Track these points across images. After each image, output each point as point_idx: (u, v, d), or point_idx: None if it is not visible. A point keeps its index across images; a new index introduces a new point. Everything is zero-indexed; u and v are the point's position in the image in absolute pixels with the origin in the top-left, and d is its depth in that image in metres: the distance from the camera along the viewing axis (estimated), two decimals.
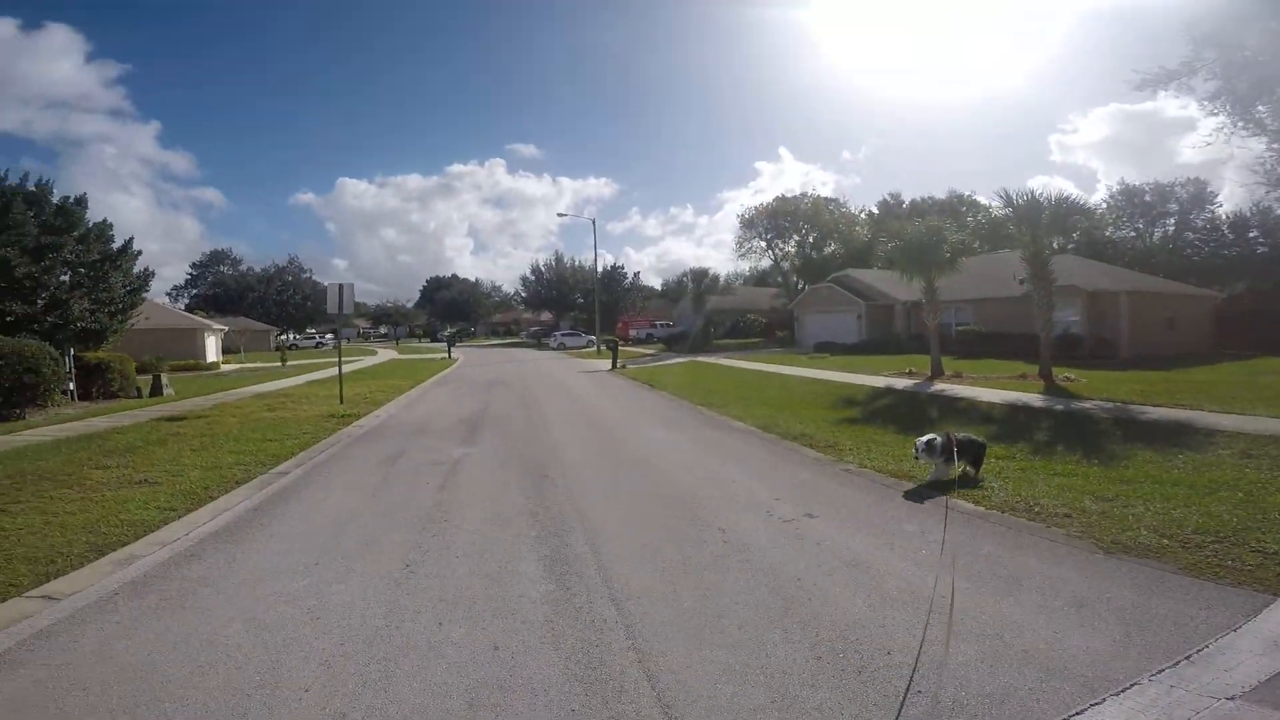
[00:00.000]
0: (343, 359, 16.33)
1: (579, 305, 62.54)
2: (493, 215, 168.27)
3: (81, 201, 17.08)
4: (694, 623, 3.51)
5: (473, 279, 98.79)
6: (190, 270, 78.54)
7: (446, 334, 79.94)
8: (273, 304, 71.14)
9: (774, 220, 50.46)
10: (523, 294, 68.85)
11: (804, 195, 52.40)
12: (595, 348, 39.92)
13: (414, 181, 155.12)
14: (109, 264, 16.42)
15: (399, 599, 3.89)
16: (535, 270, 66.03)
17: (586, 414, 12.93)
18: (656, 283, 74.54)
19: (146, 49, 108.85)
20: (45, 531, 5.20)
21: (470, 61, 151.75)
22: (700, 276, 47.68)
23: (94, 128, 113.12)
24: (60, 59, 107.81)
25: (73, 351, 13.94)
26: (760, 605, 3.73)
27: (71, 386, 14.08)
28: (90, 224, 16.91)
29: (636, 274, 58.64)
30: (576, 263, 65.73)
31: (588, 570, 4.32)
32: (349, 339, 78.57)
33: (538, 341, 59.00)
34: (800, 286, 47.08)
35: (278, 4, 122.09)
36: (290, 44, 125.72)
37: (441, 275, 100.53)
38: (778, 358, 27.12)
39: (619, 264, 58.06)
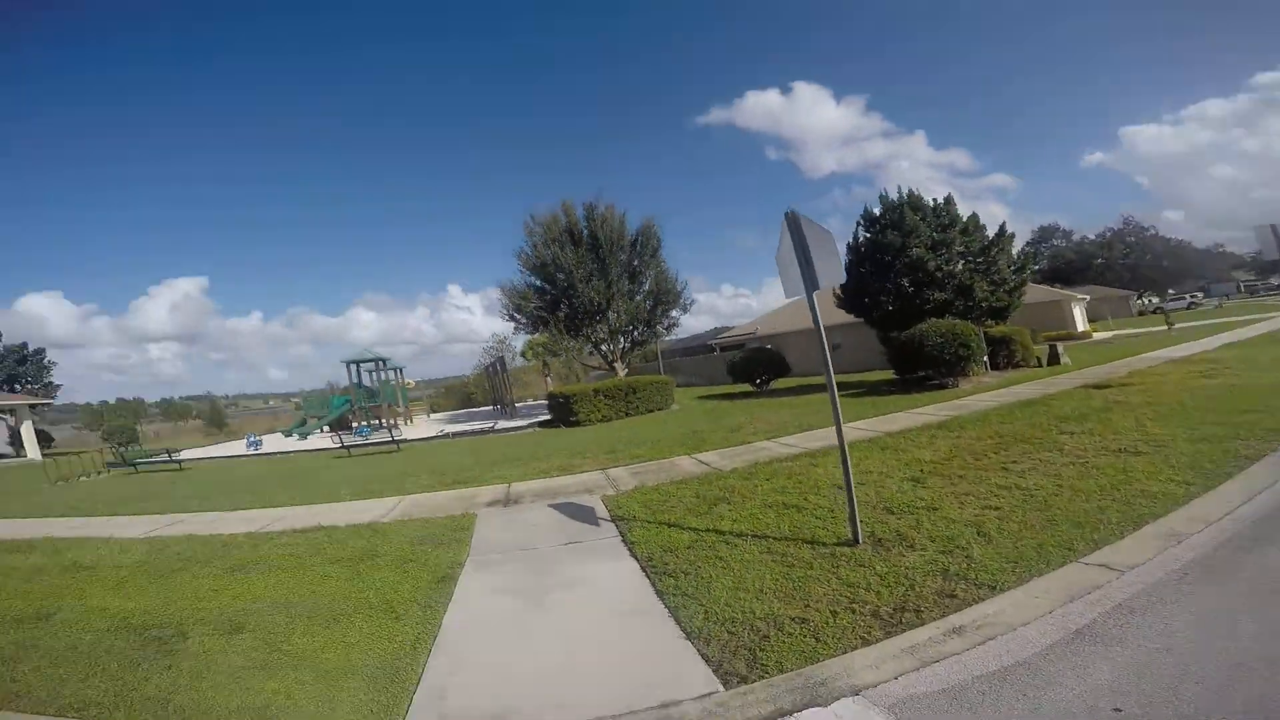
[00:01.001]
0: (1243, 320, 12.00)
1: None
2: None
3: (950, 200, 19.67)
4: None
5: None
6: (1026, 248, 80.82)
7: None
8: (1120, 268, 64.35)
9: None
10: None
11: None
12: None
13: (1213, 108, 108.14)
14: (993, 249, 18.08)
15: None
16: None
17: None
18: None
19: (868, 77, 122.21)
20: (1061, 494, 5.34)
21: None
22: None
23: (880, 149, 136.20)
24: (821, 108, 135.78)
25: (980, 329, 16.02)
26: None
27: (984, 358, 16.17)
28: (964, 220, 19.28)
29: None
30: None
31: None
32: (1229, 295, 61.46)
33: None
34: None
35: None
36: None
37: None
38: None
39: None
